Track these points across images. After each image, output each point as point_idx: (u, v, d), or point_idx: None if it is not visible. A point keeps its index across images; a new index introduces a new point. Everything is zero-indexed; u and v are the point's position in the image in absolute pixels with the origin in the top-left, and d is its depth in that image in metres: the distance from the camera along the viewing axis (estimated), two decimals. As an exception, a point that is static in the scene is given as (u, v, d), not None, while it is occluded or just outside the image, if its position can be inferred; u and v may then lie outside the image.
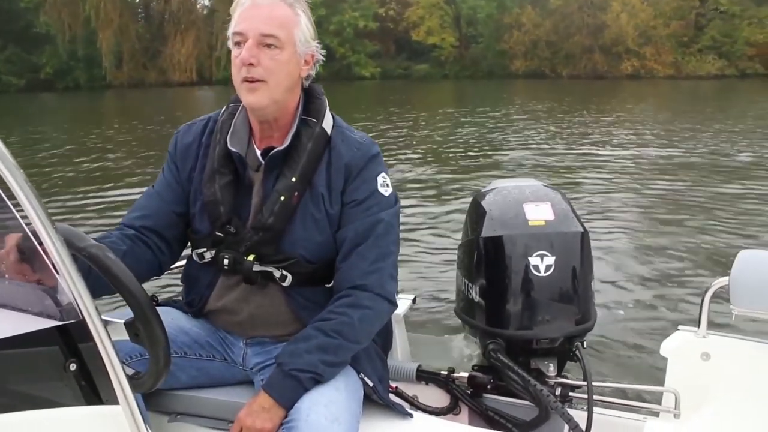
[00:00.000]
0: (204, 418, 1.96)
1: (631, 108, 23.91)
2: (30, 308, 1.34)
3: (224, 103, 2.02)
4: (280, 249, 1.86)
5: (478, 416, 2.49)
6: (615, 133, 16.40)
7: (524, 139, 15.41)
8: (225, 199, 1.87)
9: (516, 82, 43.43)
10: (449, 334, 4.12)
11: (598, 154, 13.07)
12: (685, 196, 9.16)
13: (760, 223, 7.61)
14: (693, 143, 14.15)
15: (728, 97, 29.54)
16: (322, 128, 1.88)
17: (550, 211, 2.45)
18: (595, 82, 41.21)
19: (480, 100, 29.35)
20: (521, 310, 2.39)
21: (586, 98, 28.18)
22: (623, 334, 4.52)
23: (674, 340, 2.40)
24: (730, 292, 2.19)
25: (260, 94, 1.79)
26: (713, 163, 11.78)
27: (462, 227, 2.72)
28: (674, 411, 2.32)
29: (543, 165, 11.82)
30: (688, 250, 6.60)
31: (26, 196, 1.18)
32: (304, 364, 1.72)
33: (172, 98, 36.40)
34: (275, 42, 1.77)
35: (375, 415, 1.93)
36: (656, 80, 42.62)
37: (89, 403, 1.38)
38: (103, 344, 1.27)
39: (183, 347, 1.96)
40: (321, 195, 1.85)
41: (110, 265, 1.36)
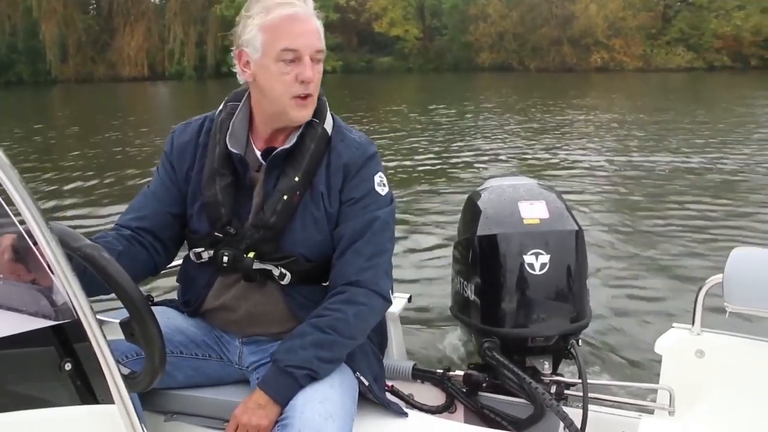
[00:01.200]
0: (200, 417, 2.02)
1: (607, 102, 24.12)
2: (25, 308, 1.38)
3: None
4: (280, 247, 1.93)
5: (474, 414, 2.56)
6: (595, 129, 16.64)
7: (495, 135, 15.51)
8: (226, 200, 1.94)
9: (482, 75, 43.44)
10: (445, 332, 4.24)
11: (580, 151, 13.26)
12: (679, 194, 9.38)
13: (754, 221, 7.82)
14: (679, 140, 14.41)
15: (699, 89, 30.06)
16: (324, 129, 1.95)
17: (545, 210, 2.55)
18: (564, 75, 41.44)
19: (446, 94, 29.47)
20: (516, 309, 2.48)
21: (556, 92, 28.28)
22: (618, 332, 4.64)
23: (669, 338, 2.46)
24: (723, 289, 2.25)
25: (311, 108, 1.92)
26: (705, 161, 11.98)
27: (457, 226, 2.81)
28: (669, 408, 2.39)
29: (528, 164, 11.95)
30: (682, 248, 6.77)
31: (20, 196, 1.21)
32: (299, 360, 1.78)
33: (122, 94, 35.81)
34: (322, 56, 1.89)
35: (371, 413, 1.99)
36: (626, 73, 42.97)
37: (84, 402, 1.42)
38: (98, 343, 1.31)
39: (179, 347, 2.03)
40: (321, 194, 1.92)
41: (105, 264, 1.41)
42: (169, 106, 27.81)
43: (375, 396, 1.97)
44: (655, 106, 21.89)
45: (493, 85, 34.67)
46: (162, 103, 30.76)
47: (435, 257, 6.40)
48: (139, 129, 18.50)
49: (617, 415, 2.46)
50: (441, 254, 6.26)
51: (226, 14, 47.11)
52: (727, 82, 33.89)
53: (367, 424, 1.95)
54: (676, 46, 46.48)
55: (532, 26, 48.65)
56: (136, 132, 17.85)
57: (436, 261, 6.20)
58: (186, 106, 27.96)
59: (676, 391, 2.39)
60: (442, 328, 4.42)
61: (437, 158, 12.37)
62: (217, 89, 37.84)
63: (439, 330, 4.43)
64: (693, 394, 2.33)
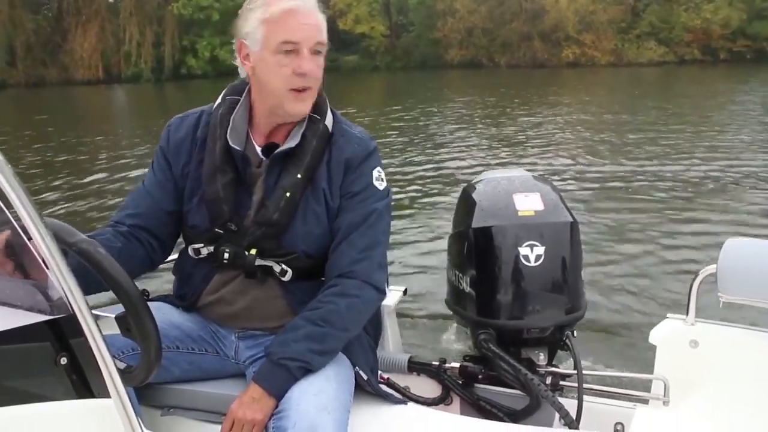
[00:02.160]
0: (197, 411, 2.09)
1: (587, 97, 24.57)
2: (20, 303, 1.42)
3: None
4: (282, 244, 2.00)
5: (470, 406, 2.64)
6: (577, 124, 16.98)
7: (465, 136, 15.68)
8: (227, 197, 2.01)
9: (451, 72, 43.45)
10: (440, 325, 4.35)
11: (566, 146, 13.59)
12: (672, 185, 9.67)
13: (745, 211, 8.11)
14: (663, 134, 14.72)
15: (672, 84, 30.52)
16: (325, 125, 2.03)
17: (540, 202, 2.62)
18: (535, 71, 41.63)
19: (414, 92, 29.58)
20: (512, 300, 2.56)
21: (527, 89, 28.54)
22: (613, 323, 4.79)
23: (663, 328, 2.54)
24: (717, 279, 2.34)
25: (309, 102, 1.99)
26: (695, 154, 12.33)
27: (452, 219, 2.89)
28: (663, 398, 2.47)
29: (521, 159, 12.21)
30: (675, 239, 7.00)
31: (15, 192, 1.26)
32: (292, 352, 1.85)
33: (75, 98, 35.23)
34: (323, 48, 1.96)
35: (367, 405, 2.07)
36: (598, 68, 43.29)
37: (81, 396, 1.47)
38: (93, 338, 1.36)
39: (175, 341, 2.10)
40: (323, 190, 2.00)
41: (101, 259, 1.46)
42: (126, 110, 27.40)
43: (373, 388, 2.06)
44: (634, 101, 22.27)
45: (461, 83, 34.78)
46: (119, 107, 30.26)
47: (430, 250, 6.56)
48: (94, 135, 18.30)
49: (612, 406, 2.54)
50: (436, 247, 6.42)
51: (184, 13, 46.56)
52: (699, 75, 34.36)
53: (364, 416, 2.03)
54: (646, 40, 46.73)
55: (501, 21, 48.57)
56: (91, 138, 17.73)
57: (431, 254, 6.35)
58: (143, 109, 27.69)
59: (671, 381, 2.47)
60: (437, 320, 4.53)
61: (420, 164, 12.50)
62: (177, 92, 37.23)
63: (434, 322, 4.54)
64: (687, 384, 2.42)
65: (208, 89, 35.44)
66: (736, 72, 34.56)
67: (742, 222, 7.57)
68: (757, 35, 44.47)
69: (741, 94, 23.35)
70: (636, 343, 4.27)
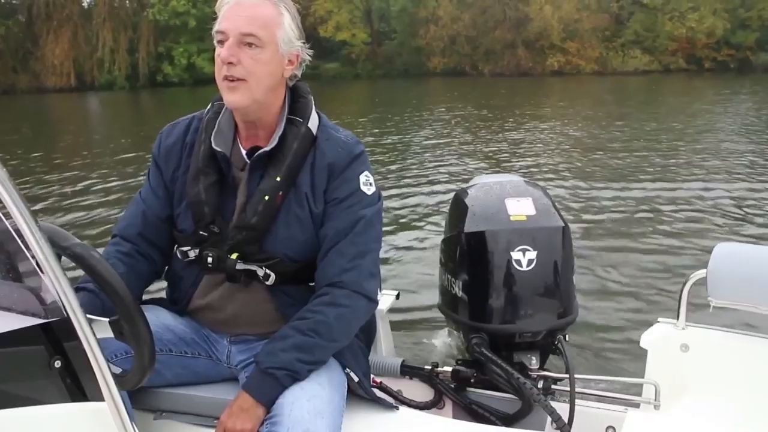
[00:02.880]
0: (189, 415, 2.13)
1: (575, 107, 24.71)
2: (14, 307, 1.46)
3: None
4: (264, 248, 2.05)
5: (462, 410, 2.71)
6: (567, 132, 17.33)
7: (454, 143, 15.85)
8: (209, 199, 2.06)
9: (434, 80, 43.57)
10: (433, 329, 4.42)
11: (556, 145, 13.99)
12: (662, 192, 9.89)
13: (736, 216, 8.38)
14: (656, 140, 15.18)
15: (660, 93, 30.91)
16: (308, 128, 2.06)
17: (532, 207, 2.69)
18: (520, 79, 41.80)
19: (396, 100, 29.72)
20: (504, 305, 2.63)
21: (512, 97, 28.80)
22: (604, 327, 4.91)
23: (654, 333, 2.61)
24: (707, 284, 2.42)
25: (240, 93, 1.97)
26: (684, 159, 12.72)
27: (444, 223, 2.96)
28: (654, 402, 2.53)
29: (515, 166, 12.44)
30: (666, 244, 7.18)
31: (9, 195, 1.29)
32: (280, 362, 1.90)
33: (46, 107, 34.86)
34: (256, 41, 1.94)
35: (360, 409, 2.13)
36: (582, 77, 43.66)
37: (75, 400, 1.51)
38: (87, 341, 1.39)
39: (168, 345, 2.15)
40: (305, 195, 2.03)
41: (95, 264, 1.49)
42: (97, 119, 27.07)
43: (365, 392, 2.11)
44: (621, 111, 22.59)
45: (444, 91, 34.79)
46: (90, 116, 29.89)
47: (422, 255, 6.70)
48: (63, 144, 18.21)
49: (604, 410, 2.61)
50: (428, 252, 6.57)
51: (159, 19, 46.17)
52: (685, 86, 34.79)
53: (357, 420, 2.08)
54: (630, 48, 47.29)
55: (484, 29, 48.77)
56: (62, 145, 17.64)
57: (424, 258, 6.49)
58: (116, 118, 27.29)
59: (662, 385, 2.53)
60: (430, 324, 4.62)
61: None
62: (151, 100, 36.83)
63: (427, 327, 4.63)
64: (678, 388, 2.47)
65: (185, 98, 35.22)
66: (721, 81, 35.11)
67: (732, 227, 7.79)
68: (741, 45, 45.37)
69: (731, 103, 23.89)
70: (627, 347, 4.38)
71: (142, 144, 15.65)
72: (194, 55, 44.57)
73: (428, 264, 6.08)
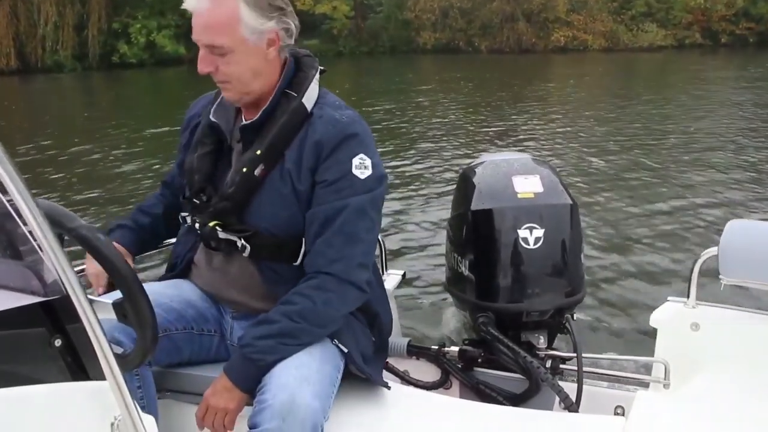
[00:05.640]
0: (191, 394, 2.35)
1: (584, 91, 24.79)
2: (13, 284, 1.59)
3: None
4: (243, 219, 2.25)
5: (469, 390, 2.93)
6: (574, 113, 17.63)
7: (450, 124, 16.14)
8: (200, 168, 2.33)
9: (424, 58, 43.07)
10: (439, 308, 4.61)
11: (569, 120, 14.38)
12: (673, 168, 10.32)
13: (748, 194, 8.73)
14: (671, 117, 15.73)
15: (677, 70, 31.07)
16: (302, 103, 2.22)
17: (539, 184, 2.88)
18: (520, 56, 41.45)
19: (381, 81, 29.62)
20: (511, 283, 2.84)
21: (513, 76, 28.90)
22: (613, 306, 5.17)
23: (664, 311, 2.81)
24: (719, 262, 2.59)
25: (230, 91, 2.23)
26: (696, 137, 13.14)
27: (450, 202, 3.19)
28: (664, 381, 2.74)
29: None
30: (676, 222, 7.47)
31: (6, 172, 1.38)
32: (265, 348, 2.07)
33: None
34: (220, 50, 2.14)
35: (364, 388, 2.33)
36: (590, 53, 43.32)
37: (75, 379, 1.63)
38: (88, 320, 1.47)
39: (191, 322, 2.40)
40: (288, 170, 2.20)
41: (100, 246, 1.64)
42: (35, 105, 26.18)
43: (357, 367, 2.27)
44: (631, 90, 22.81)
45: (435, 70, 34.74)
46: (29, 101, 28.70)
47: (429, 234, 7.02)
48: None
49: (612, 389, 2.84)
50: (435, 231, 6.91)
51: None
52: (699, 62, 34.86)
53: (360, 400, 2.30)
54: (643, 21, 46.08)
55: (480, 0, 47.00)
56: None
57: (430, 237, 6.81)
58: (58, 104, 25.88)
59: (672, 365, 2.75)
60: (437, 304, 4.87)
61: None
62: (105, 83, 35.32)
63: (434, 306, 4.89)
64: (688, 367, 2.66)
65: (145, 80, 34.41)
66: (739, 58, 35.32)
67: (744, 204, 8.11)
68: (762, 16, 44.58)
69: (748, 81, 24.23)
70: (636, 326, 4.62)
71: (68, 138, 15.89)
72: (154, 32, 42.51)
73: (435, 243, 6.42)
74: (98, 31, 44.33)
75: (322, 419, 2.04)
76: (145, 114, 20.77)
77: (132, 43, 43.34)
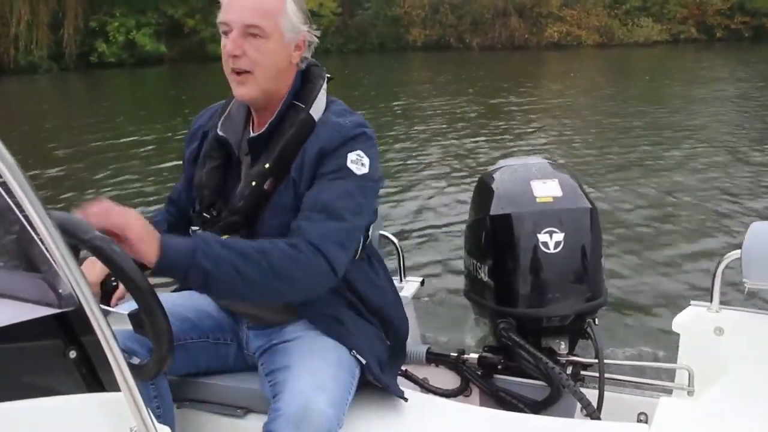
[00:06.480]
0: (208, 403, 2.41)
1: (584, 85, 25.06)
2: (28, 297, 1.61)
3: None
4: (254, 232, 2.26)
5: (489, 397, 2.98)
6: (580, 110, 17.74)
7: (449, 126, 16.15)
8: (209, 182, 2.37)
9: (414, 55, 42.97)
10: (459, 315, 4.59)
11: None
12: (696, 169, 10.40)
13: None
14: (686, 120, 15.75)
15: (676, 66, 31.13)
16: (309, 115, 2.27)
17: (558, 188, 2.93)
18: (513, 53, 41.21)
19: (371, 80, 29.62)
20: (531, 289, 2.88)
21: (506, 75, 28.72)
22: (635, 311, 5.24)
23: (686, 316, 2.82)
24: (742, 265, 2.57)
25: (248, 87, 2.22)
26: (719, 136, 13.25)
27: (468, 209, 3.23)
28: (688, 388, 2.77)
29: None
30: (698, 225, 7.57)
31: (20, 185, 1.40)
32: (215, 253, 1.96)
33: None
34: (260, 32, 2.17)
35: (383, 397, 2.36)
36: (585, 49, 43.27)
37: (91, 390, 1.67)
38: (102, 331, 1.51)
39: (207, 332, 2.46)
40: (293, 180, 2.23)
41: (116, 257, 1.67)
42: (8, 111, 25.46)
43: (375, 377, 2.31)
44: (635, 87, 22.99)
45: (425, 68, 34.72)
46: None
47: (447, 240, 7.11)
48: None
49: (635, 396, 2.87)
50: (453, 237, 6.98)
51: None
52: (697, 56, 35.17)
53: (379, 408, 2.33)
54: (637, 16, 46.06)
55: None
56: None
57: (448, 244, 6.90)
58: (25, 109, 25.14)
59: (696, 370, 2.77)
60: (456, 311, 4.91)
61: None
62: (82, 84, 34.84)
63: (453, 313, 4.92)
64: (713, 373, 2.64)
65: (124, 81, 34.10)
66: (734, 52, 35.51)
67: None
68: (757, 11, 44.44)
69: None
70: (659, 331, 4.65)
71: (42, 145, 15.72)
72: (133, 30, 42.12)
73: (452, 250, 6.51)
74: (75, 29, 43.31)
75: (337, 427, 2.06)
76: (126, 118, 20.68)
77: (110, 41, 42.62)
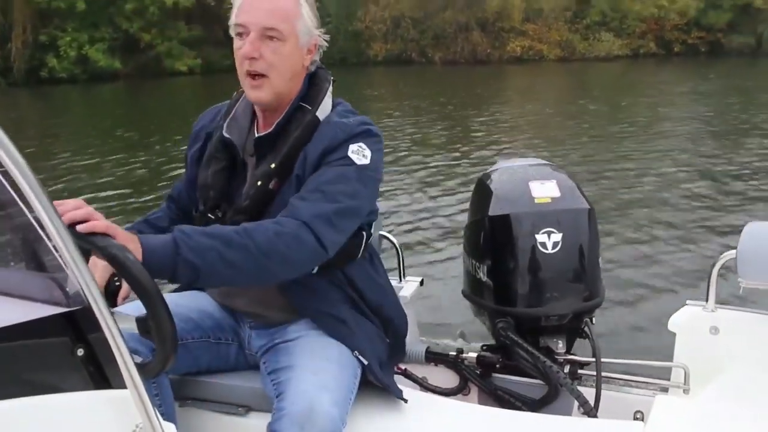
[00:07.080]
0: (212, 402, 2.47)
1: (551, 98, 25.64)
2: (37, 296, 1.70)
3: None
4: None
5: (488, 396, 3.06)
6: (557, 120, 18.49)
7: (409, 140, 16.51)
8: (215, 184, 2.43)
9: (375, 70, 43.20)
10: (458, 315, 4.80)
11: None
12: (688, 172, 10.70)
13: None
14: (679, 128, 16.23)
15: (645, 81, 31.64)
16: (315, 116, 2.34)
17: (556, 189, 3.01)
18: (475, 67, 41.69)
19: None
20: (529, 288, 2.96)
21: (468, 88, 29.23)
22: (631, 310, 5.39)
23: (682, 315, 2.88)
24: (737, 264, 2.64)
25: (264, 90, 2.29)
26: (710, 138, 13.82)
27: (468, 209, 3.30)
28: (684, 386, 2.83)
29: None
30: (693, 225, 7.77)
31: (31, 187, 1.45)
32: (198, 244, 1.97)
33: None
34: (277, 35, 2.24)
35: (382, 395, 2.42)
36: (546, 63, 43.91)
37: (98, 387, 1.69)
38: (109, 329, 1.56)
39: (208, 331, 2.52)
40: (297, 178, 2.29)
41: (130, 265, 1.74)
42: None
43: (376, 377, 2.37)
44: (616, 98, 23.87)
45: (387, 82, 34.92)
46: None
47: (445, 241, 7.29)
48: None
49: (632, 394, 2.96)
50: (452, 237, 7.18)
51: (39, 0, 42.97)
52: (658, 70, 35.68)
53: (379, 406, 2.40)
54: (597, 30, 47.22)
55: (432, 10, 47.30)
56: None
57: (447, 244, 7.08)
58: None
59: (691, 369, 2.84)
60: (454, 310, 5.01)
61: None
62: (31, 100, 33.96)
63: (452, 312, 5.03)
64: (708, 372, 2.72)
65: (77, 96, 33.55)
66: (692, 66, 36.27)
67: (763, 206, 8.40)
68: (712, 26, 45.87)
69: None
70: (655, 330, 4.78)
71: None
72: (86, 45, 40.93)
73: (451, 250, 6.69)
74: (23, 43, 42.18)
75: (341, 427, 2.11)
76: (78, 133, 20.52)
77: (62, 56, 41.79)
